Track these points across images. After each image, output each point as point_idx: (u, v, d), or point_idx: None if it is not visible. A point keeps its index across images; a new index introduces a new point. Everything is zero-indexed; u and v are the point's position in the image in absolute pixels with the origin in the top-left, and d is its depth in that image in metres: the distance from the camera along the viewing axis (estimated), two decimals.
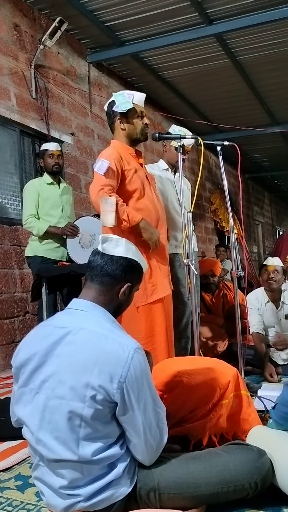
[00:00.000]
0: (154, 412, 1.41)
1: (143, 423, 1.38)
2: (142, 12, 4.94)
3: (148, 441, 1.40)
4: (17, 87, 4.56)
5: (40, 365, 1.43)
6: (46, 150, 3.86)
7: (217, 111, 7.82)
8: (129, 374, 1.35)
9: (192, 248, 2.59)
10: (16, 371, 1.48)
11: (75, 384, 1.36)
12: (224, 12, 5.01)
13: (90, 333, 1.42)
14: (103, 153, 2.54)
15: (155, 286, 2.54)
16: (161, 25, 5.21)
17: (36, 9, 4.86)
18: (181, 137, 2.77)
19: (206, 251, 9.31)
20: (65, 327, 1.45)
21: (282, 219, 18.17)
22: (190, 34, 5.27)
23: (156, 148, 7.17)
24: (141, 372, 1.37)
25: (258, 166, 11.86)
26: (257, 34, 5.38)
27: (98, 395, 1.34)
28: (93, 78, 5.92)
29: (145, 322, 2.49)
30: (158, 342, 2.51)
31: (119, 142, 2.65)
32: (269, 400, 2.42)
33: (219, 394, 1.89)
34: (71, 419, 1.36)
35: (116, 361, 1.36)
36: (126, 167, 2.56)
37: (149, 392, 1.41)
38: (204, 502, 1.47)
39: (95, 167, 2.47)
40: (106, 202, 2.36)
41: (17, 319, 4.36)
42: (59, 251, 3.75)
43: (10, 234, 4.36)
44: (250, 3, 4.83)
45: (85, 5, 4.80)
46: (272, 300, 3.52)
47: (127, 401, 1.36)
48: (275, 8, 4.87)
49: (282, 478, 1.51)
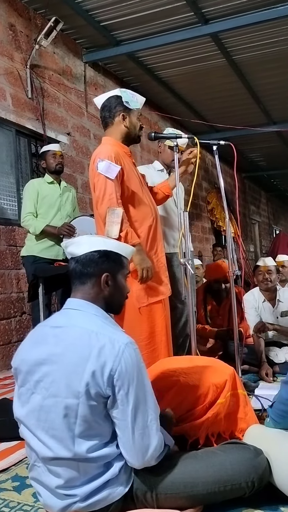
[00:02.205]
0: (144, 410, 1.39)
1: (131, 420, 1.37)
2: (137, 12, 4.94)
3: (136, 439, 1.37)
4: (12, 87, 4.55)
5: (36, 365, 1.43)
6: (48, 151, 3.95)
7: (213, 111, 7.83)
8: (120, 367, 1.35)
9: (189, 248, 2.59)
10: (15, 372, 1.51)
11: (69, 381, 1.37)
12: (220, 12, 5.01)
13: (81, 330, 1.43)
14: (102, 151, 2.42)
15: (156, 287, 2.54)
16: (157, 24, 5.20)
17: (31, 8, 4.85)
18: (177, 136, 2.76)
19: (203, 250, 9.31)
20: (60, 326, 1.48)
21: (279, 218, 18.21)
22: (186, 34, 5.27)
23: (152, 148, 7.17)
24: (132, 366, 1.37)
25: (255, 165, 11.88)
26: (253, 33, 5.39)
27: (91, 390, 1.35)
28: (89, 78, 5.91)
29: (146, 322, 2.49)
30: (159, 342, 2.51)
31: (113, 139, 2.54)
32: (266, 399, 2.43)
33: (216, 393, 1.89)
34: (67, 416, 1.36)
35: (107, 356, 1.36)
36: (125, 165, 2.48)
37: (140, 388, 1.39)
38: (201, 502, 1.47)
39: (99, 167, 2.34)
40: (113, 212, 2.30)
41: (14, 319, 4.35)
42: (53, 250, 3.78)
43: (6, 234, 4.35)
44: (245, 2, 4.83)
45: (81, 5, 4.79)
46: (268, 299, 3.55)
47: (117, 394, 1.36)
48: (270, 8, 4.87)
49: (279, 477, 1.51)
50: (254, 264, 3.85)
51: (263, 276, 3.51)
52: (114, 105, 2.53)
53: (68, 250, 1.55)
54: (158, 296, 2.53)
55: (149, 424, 1.40)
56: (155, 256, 2.60)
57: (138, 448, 1.38)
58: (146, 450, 1.39)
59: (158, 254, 2.64)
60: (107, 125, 2.59)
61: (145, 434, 1.38)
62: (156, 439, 1.41)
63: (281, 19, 4.96)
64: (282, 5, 4.81)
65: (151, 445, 1.39)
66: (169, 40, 5.37)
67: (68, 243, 1.57)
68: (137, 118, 2.60)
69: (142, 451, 1.39)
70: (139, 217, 2.53)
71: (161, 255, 2.67)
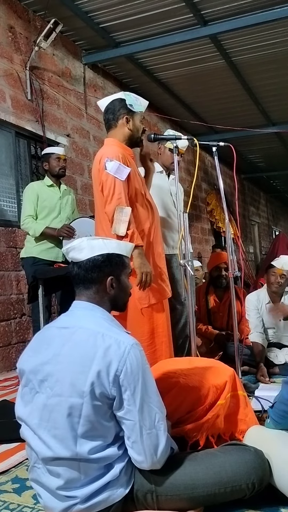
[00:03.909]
0: (150, 410, 1.40)
1: (139, 420, 1.37)
2: (137, 14, 4.95)
3: (145, 440, 1.38)
4: (12, 88, 4.56)
5: (41, 365, 1.44)
6: (52, 153, 3.90)
7: (212, 112, 7.84)
8: (125, 368, 1.36)
9: (188, 249, 2.59)
10: (19, 372, 1.52)
11: (74, 381, 1.37)
12: (219, 13, 5.02)
13: (87, 332, 1.44)
14: (108, 151, 2.42)
15: (156, 288, 2.54)
16: (156, 26, 5.21)
17: (31, 10, 4.86)
18: (176, 138, 2.77)
19: (202, 251, 9.31)
20: (66, 327, 1.49)
21: (278, 219, 18.22)
22: (185, 35, 5.28)
23: (151, 149, 7.17)
24: (137, 367, 1.38)
25: (254, 166, 11.89)
26: (252, 35, 5.40)
27: (96, 390, 1.35)
28: (88, 79, 5.92)
29: (148, 323, 2.49)
30: (160, 343, 2.52)
31: (117, 141, 2.54)
32: (266, 400, 2.42)
33: (216, 395, 1.89)
34: (70, 415, 1.37)
35: (112, 356, 1.37)
36: (131, 167, 2.48)
37: (146, 388, 1.40)
38: (201, 503, 1.47)
39: (107, 167, 2.35)
40: (122, 211, 2.32)
41: (14, 321, 4.35)
42: (53, 252, 3.78)
43: (6, 236, 4.35)
44: (244, 4, 4.84)
45: (80, 7, 4.80)
46: (273, 302, 3.51)
47: (123, 395, 1.37)
48: (269, 9, 4.88)
49: (279, 478, 1.51)
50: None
51: (276, 278, 3.39)
52: (118, 108, 2.54)
53: (70, 255, 1.55)
54: (159, 297, 2.54)
55: (157, 424, 1.41)
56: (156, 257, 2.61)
57: (147, 448, 1.39)
58: (155, 450, 1.40)
59: (157, 256, 2.64)
60: (110, 127, 2.60)
61: (153, 434, 1.40)
62: (164, 439, 1.42)
63: (280, 20, 4.97)
64: (281, 7, 4.82)
65: (160, 444, 1.41)
66: (168, 41, 5.37)
67: (69, 249, 1.56)
68: (140, 121, 2.61)
69: (151, 451, 1.40)
70: (140, 219, 2.53)
71: (161, 257, 2.67)
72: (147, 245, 2.54)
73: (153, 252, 2.58)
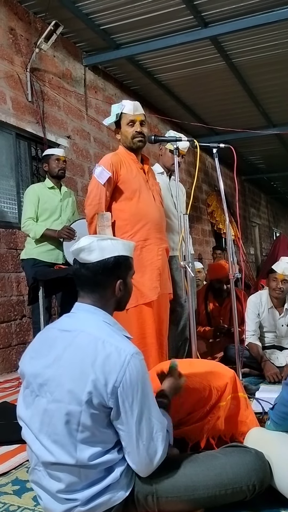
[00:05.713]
0: (148, 422, 1.38)
1: (136, 431, 1.36)
2: (137, 15, 4.95)
3: (141, 451, 1.37)
4: (12, 90, 4.56)
5: (41, 368, 1.43)
6: (52, 155, 3.91)
7: (213, 113, 7.84)
8: (124, 379, 1.34)
9: (188, 250, 2.60)
10: (21, 373, 1.51)
11: (73, 388, 1.36)
12: (219, 15, 5.02)
13: (88, 337, 1.42)
14: (104, 158, 2.73)
15: (145, 288, 2.55)
16: (157, 28, 5.22)
17: (31, 12, 4.87)
18: (177, 139, 2.77)
19: (203, 253, 9.31)
20: (68, 330, 1.47)
21: (279, 220, 18.21)
22: (186, 37, 5.28)
23: (152, 151, 7.17)
24: (136, 378, 1.36)
25: (254, 168, 11.89)
26: (252, 36, 5.40)
27: (93, 399, 1.34)
28: (89, 81, 5.92)
29: (136, 324, 2.50)
30: (150, 344, 2.52)
31: (122, 148, 2.83)
32: (267, 402, 2.42)
33: (217, 396, 1.89)
34: (69, 422, 1.35)
35: (112, 366, 1.35)
36: (124, 170, 2.67)
37: (145, 400, 1.38)
38: (202, 505, 1.47)
39: (95, 171, 2.62)
40: (103, 217, 2.56)
41: (14, 322, 4.35)
42: (53, 254, 3.77)
43: (6, 237, 4.35)
44: (245, 5, 4.85)
45: (81, 8, 4.80)
46: (275, 306, 3.50)
47: (121, 406, 1.34)
48: (269, 11, 4.88)
49: (280, 480, 1.51)
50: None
51: (277, 284, 3.35)
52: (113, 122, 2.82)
53: (80, 256, 1.50)
54: (146, 298, 2.57)
55: (155, 435, 1.39)
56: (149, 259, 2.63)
57: (143, 459, 1.38)
58: (151, 460, 1.39)
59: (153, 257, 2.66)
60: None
61: (150, 445, 1.38)
62: (162, 449, 1.40)
63: (280, 22, 4.97)
64: (281, 9, 4.82)
65: (157, 455, 1.39)
66: (168, 43, 5.38)
67: (78, 249, 1.50)
68: (128, 125, 2.73)
69: (147, 461, 1.38)
70: (134, 219, 2.66)
71: (156, 259, 2.68)
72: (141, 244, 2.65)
73: (147, 251, 2.67)
